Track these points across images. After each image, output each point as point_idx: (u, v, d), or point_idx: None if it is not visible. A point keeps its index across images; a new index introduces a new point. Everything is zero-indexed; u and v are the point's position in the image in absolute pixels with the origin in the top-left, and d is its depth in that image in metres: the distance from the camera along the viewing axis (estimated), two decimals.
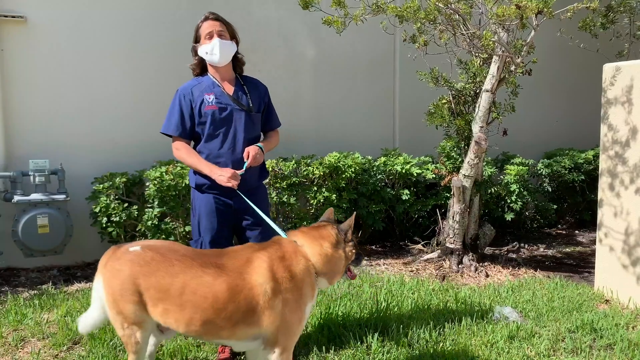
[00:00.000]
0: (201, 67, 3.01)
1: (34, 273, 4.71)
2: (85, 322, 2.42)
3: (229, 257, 2.32)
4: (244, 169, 2.87)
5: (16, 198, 4.41)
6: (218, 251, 2.43)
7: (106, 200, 4.57)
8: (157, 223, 4.62)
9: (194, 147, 2.97)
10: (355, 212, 2.56)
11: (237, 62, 3.03)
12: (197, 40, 2.95)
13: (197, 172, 2.94)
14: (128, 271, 2.25)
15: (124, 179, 4.70)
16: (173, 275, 2.22)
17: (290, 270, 2.28)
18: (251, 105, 2.97)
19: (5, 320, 3.48)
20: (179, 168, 4.67)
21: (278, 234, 2.56)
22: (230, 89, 2.96)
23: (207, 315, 2.20)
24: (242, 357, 2.96)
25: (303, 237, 2.42)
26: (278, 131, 3.21)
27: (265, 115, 3.10)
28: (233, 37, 2.97)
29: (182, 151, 2.92)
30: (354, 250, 2.46)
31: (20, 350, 3.09)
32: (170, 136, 2.98)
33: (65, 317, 3.52)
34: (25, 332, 3.31)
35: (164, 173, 4.61)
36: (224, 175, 2.78)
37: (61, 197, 4.53)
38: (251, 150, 2.88)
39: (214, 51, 2.87)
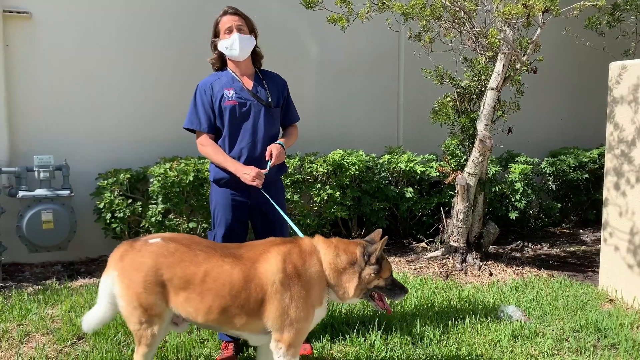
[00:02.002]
0: (221, 62, 3.01)
1: (38, 268, 4.72)
2: (90, 320, 2.41)
3: (247, 249, 2.40)
4: (268, 168, 2.87)
5: (21, 194, 4.42)
6: (239, 244, 2.49)
7: (110, 196, 4.58)
8: (160, 219, 4.63)
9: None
10: (386, 237, 2.41)
11: (255, 55, 3.02)
12: (216, 35, 2.95)
13: (217, 166, 2.94)
14: (152, 262, 2.28)
15: (128, 175, 4.70)
16: (197, 264, 2.29)
17: (301, 268, 2.32)
18: (270, 100, 2.97)
19: (9, 315, 3.49)
20: (182, 165, 4.67)
21: (290, 232, 2.57)
22: (249, 84, 2.96)
23: (224, 303, 2.26)
24: (246, 354, 2.97)
25: (323, 243, 2.43)
26: (297, 126, 3.20)
27: (284, 109, 3.10)
28: (252, 30, 2.97)
29: (209, 148, 2.91)
30: (372, 275, 2.35)
31: (24, 345, 3.10)
32: (193, 131, 2.98)
33: (69, 312, 3.53)
34: (29, 327, 3.32)
35: (167, 169, 4.62)
36: (248, 174, 2.78)
37: (65, 193, 4.54)
38: (274, 149, 2.88)
39: (234, 46, 2.87)
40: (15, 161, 4.70)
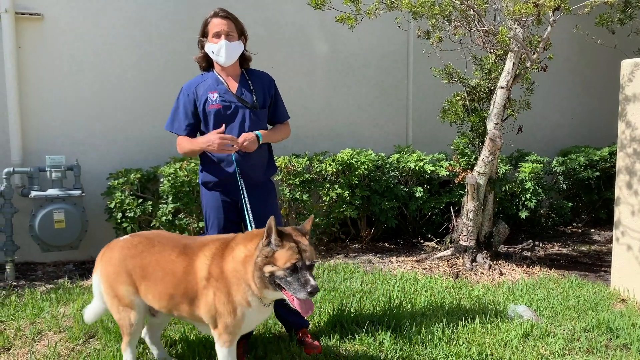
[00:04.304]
0: (207, 61, 3.01)
1: (50, 267, 4.77)
2: (90, 313, 2.75)
3: (194, 242, 2.53)
4: (233, 152, 2.82)
5: (33, 193, 4.47)
6: (194, 237, 2.64)
7: (121, 196, 4.62)
8: (171, 219, 4.66)
9: None
10: (272, 217, 2.23)
11: (243, 59, 3.01)
12: (204, 34, 2.94)
13: (204, 170, 2.95)
14: (118, 255, 2.54)
15: (139, 175, 4.74)
16: (152, 254, 2.51)
17: (222, 266, 2.37)
18: (256, 101, 2.94)
19: (22, 314, 3.53)
20: (192, 164, 4.70)
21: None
22: (234, 86, 2.94)
23: (170, 290, 2.44)
24: (254, 353, 2.97)
25: (247, 235, 2.42)
26: (287, 123, 3.16)
27: (272, 108, 3.06)
28: (241, 34, 2.95)
29: (183, 143, 2.93)
30: (261, 259, 2.22)
31: (37, 343, 3.14)
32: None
33: (81, 310, 3.56)
34: (42, 325, 3.36)
35: (178, 169, 4.64)
36: (212, 143, 2.73)
37: (77, 192, 4.58)
38: (243, 135, 2.82)
39: (220, 53, 2.87)
40: (27, 161, 4.75)
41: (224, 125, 2.83)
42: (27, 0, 4.70)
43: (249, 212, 2.74)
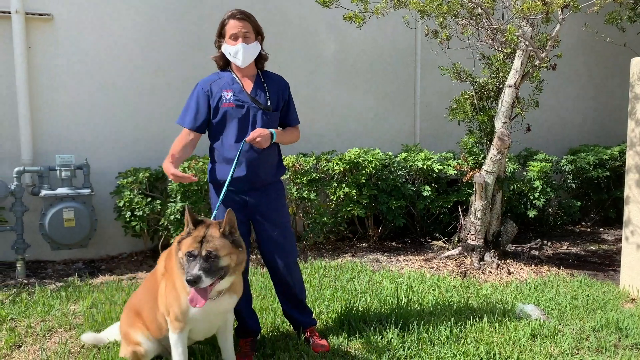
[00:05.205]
0: (224, 61, 3.02)
1: (60, 265, 4.82)
2: (90, 337, 3.00)
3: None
4: (242, 144, 2.84)
5: (43, 192, 4.51)
6: None
7: (130, 195, 4.65)
8: (179, 217, 4.68)
9: (211, 144, 2.99)
10: (186, 208, 2.47)
11: (260, 58, 3.03)
12: (221, 35, 2.96)
13: (213, 169, 2.96)
14: (128, 303, 2.81)
15: (147, 174, 4.76)
16: (140, 287, 2.79)
17: (172, 260, 2.51)
18: (269, 103, 2.96)
19: (33, 311, 3.57)
20: (200, 163, 4.72)
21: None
22: (249, 86, 2.95)
23: (154, 304, 2.60)
24: (262, 352, 2.99)
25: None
26: (297, 128, 3.18)
27: (284, 111, 3.08)
28: (258, 34, 2.96)
29: (174, 145, 2.93)
30: (175, 244, 2.41)
31: (48, 340, 3.17)
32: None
33: (90, 308, 3.60)
34: (52, 322, 3.40)
35: (186, 168, 4.67)
36: (169, 175, 2.81)
37: (86, 191, 4.62)
38: (258, 130, 2.83)
39: (238, 55, 2.88)
40: (37, 160, 4.80)
41: (174, 160, 2.86)
42: (37, 1, 4.75)
43: (217, 209, 2.80)
